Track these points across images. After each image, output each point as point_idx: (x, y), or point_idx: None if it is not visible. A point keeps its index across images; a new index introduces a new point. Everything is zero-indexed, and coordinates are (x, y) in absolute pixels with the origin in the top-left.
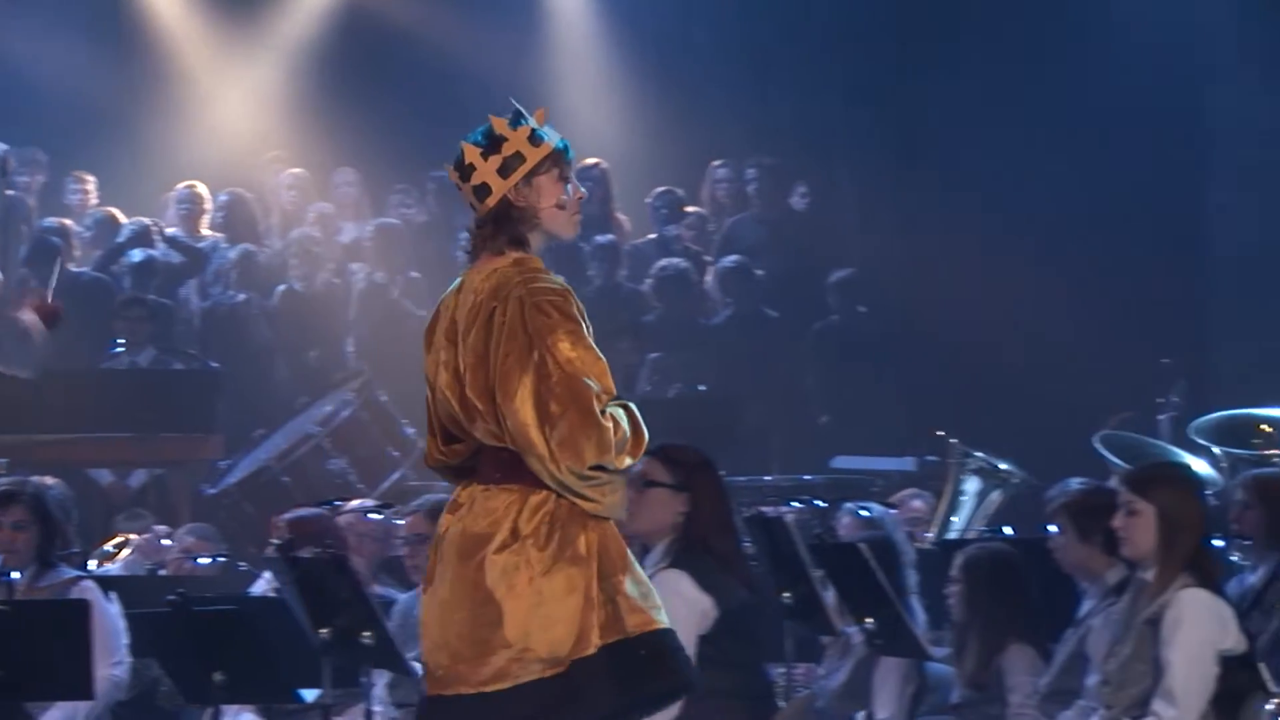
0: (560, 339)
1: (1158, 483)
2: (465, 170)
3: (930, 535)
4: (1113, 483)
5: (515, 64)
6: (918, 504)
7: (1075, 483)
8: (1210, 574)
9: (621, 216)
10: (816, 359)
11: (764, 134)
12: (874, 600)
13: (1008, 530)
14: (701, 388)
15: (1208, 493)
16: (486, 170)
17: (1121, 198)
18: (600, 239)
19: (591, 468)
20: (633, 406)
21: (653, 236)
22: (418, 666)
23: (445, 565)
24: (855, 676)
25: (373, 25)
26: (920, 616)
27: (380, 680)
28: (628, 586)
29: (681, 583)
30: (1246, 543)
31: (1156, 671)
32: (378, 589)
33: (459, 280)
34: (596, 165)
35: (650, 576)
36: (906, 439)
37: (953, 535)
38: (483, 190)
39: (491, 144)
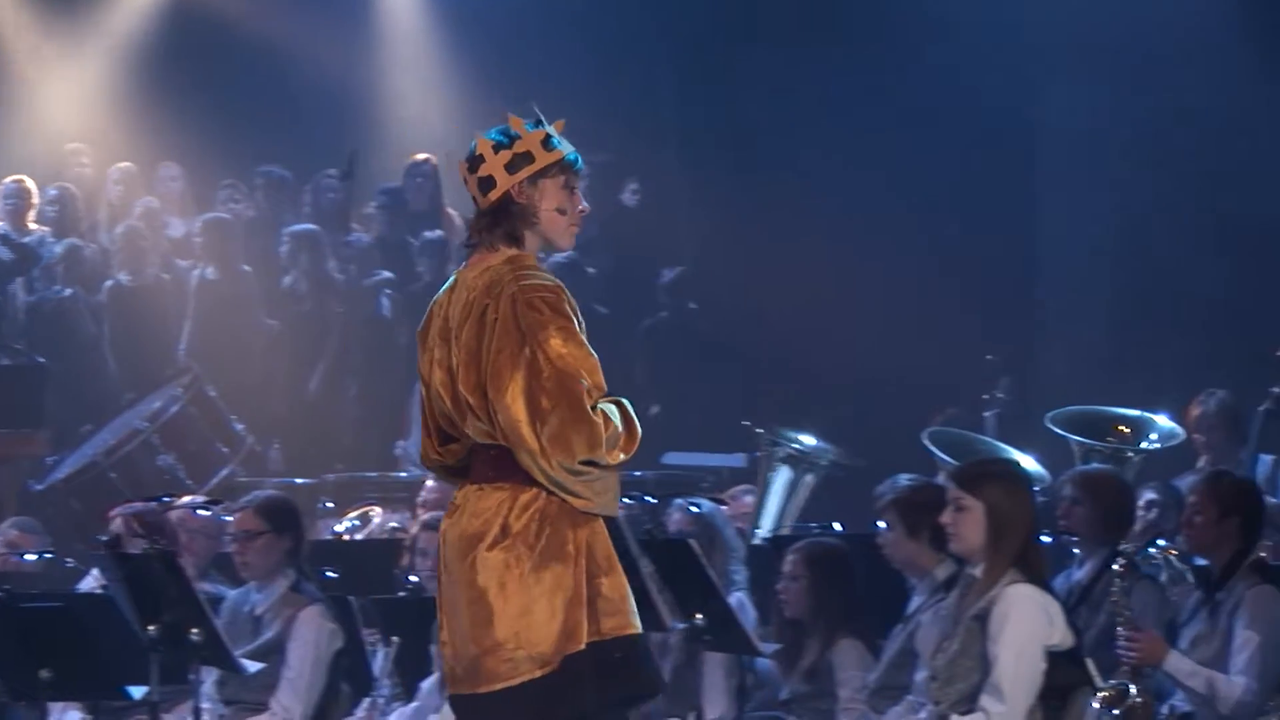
0: (551, 335)
1: (986, 479)
2: (474, 161)
3: (761, 530)
4: (941, 479)
5: (346, 59)
6: (748, 499)
7: (904, 479)
8: (1038, 570)
9: (452, 212)
10: (646, 356)
11: (596, 130)
12: (703, 596)
13: (837, 526)
14: None
15: (1036, 489)
16: (494, 163)
17: (951, 194)
18: (429, 235)
19: (583, 463)
20: (625, 402)
21: None
22: (247, 664)
23: (449, 569)
24: (677, 676)
25: (201, 19)
26: (751, 613)
27: (209, 677)
28: (606, 589)
29: None
30: (1074, 539)
31: (984, 667)
32: (207, 586)
33: (452, 279)
34: (427, 161)
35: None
36: (737, 435)
37: (772, 527)
38: (488, 183)
39: (504, 140)
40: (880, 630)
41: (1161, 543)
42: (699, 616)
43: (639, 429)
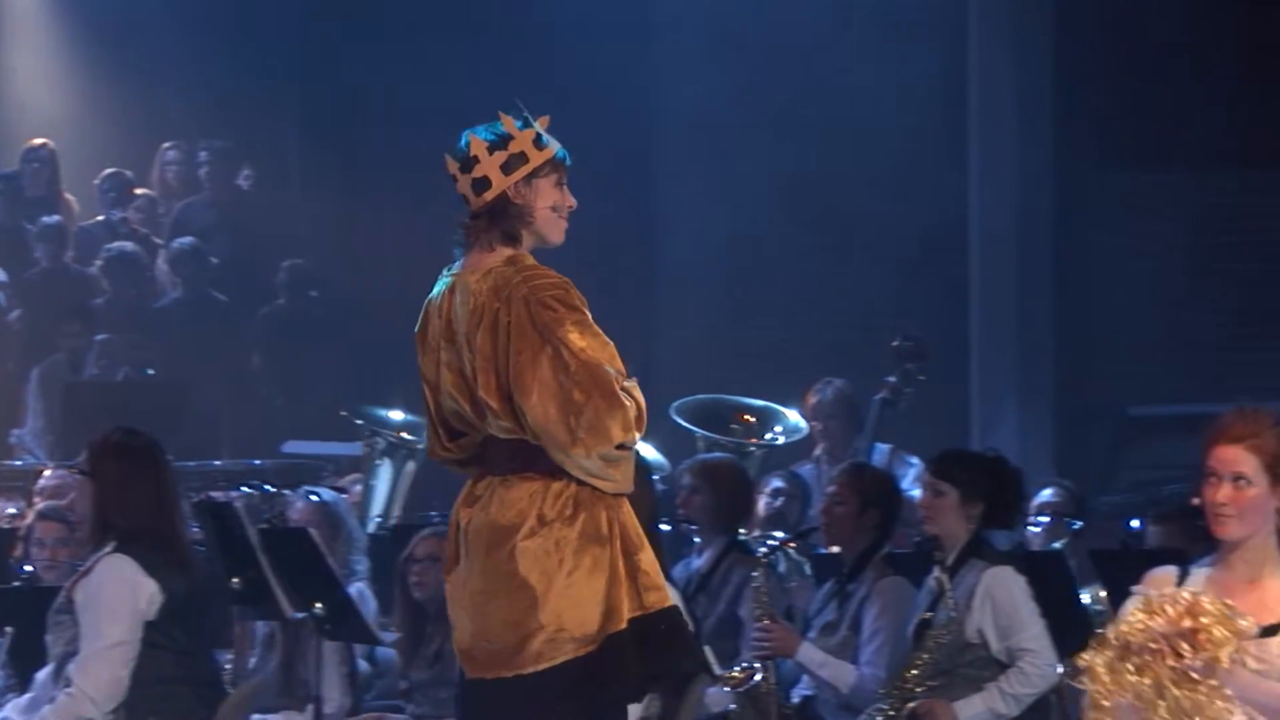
0: (569, 330)
1: None
2: (468, 162)
3: (371, 520)
4: None
5: None
6: (357, 489)
7: None
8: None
9: (70, 197)
10: (265, 344)
11: (214, 116)
12: (323, 585)
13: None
14: (150, 371)
15: (655, 477)
16: (490, 164)
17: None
18: (47, 220)
19: (617, 447)
20: (633, 382)
21: (101, 218)
22: None
23: (472, 557)
24: (291, 666)
25: None
26: (371, 602)
27: None
28: (645, 564)
29: (125, 567)
30: (693, 527)
31: None
32: None
33: (447, 280)
34: (44, 145)
35: (95, 563)
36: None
37: (380, 516)
38: (483, 184)
39: (498, 140)
40: None
41: (780, 535)
42: (319, 606)
43: (645, 405)
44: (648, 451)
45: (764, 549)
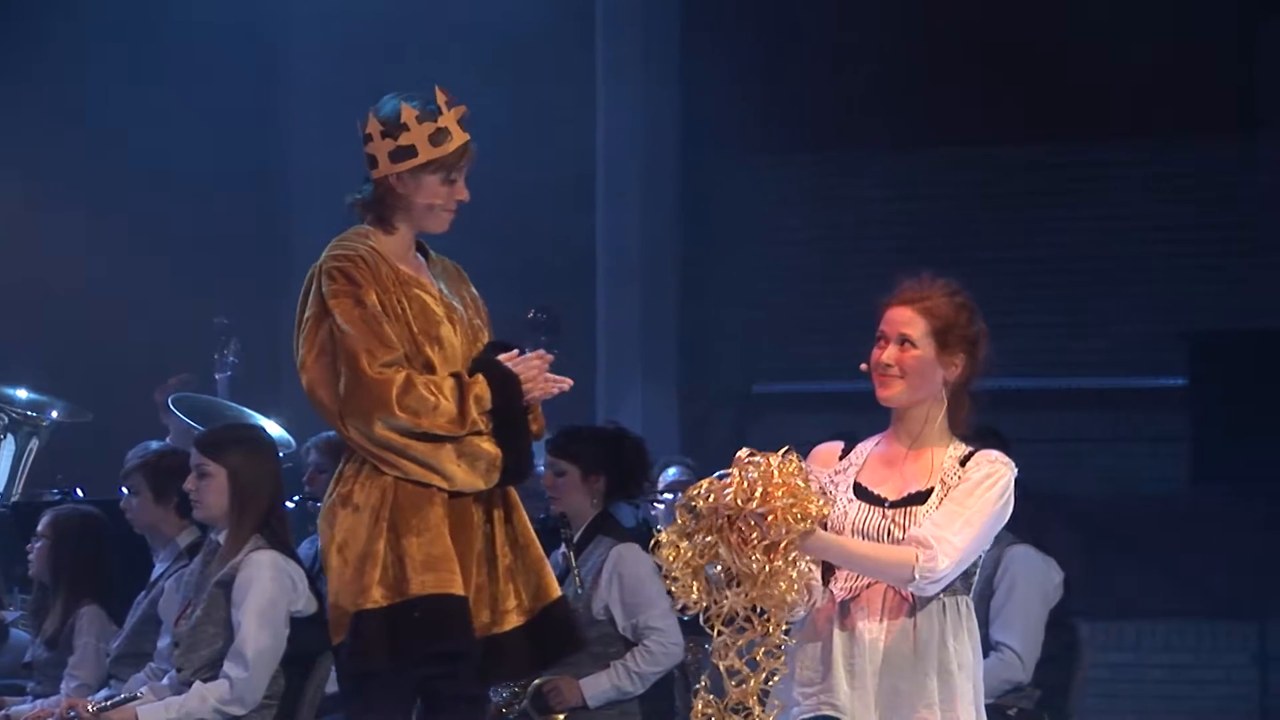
0: (341, 302)
1: (229, 445)
2: (364, 135)
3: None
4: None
5: None
6: None
7: (154, 445)
8: (281, 536)
9: None
10: None
11: None
12: None
13: (80, 491)
14: None
15: (281, 455)
16: (379, 147)
17: (193, 159)
18: None
19: (395, 429)
20: (458, 378)
21: None
22: None
23: None
24: None
25: None
26: None
27: None
28: (414, 548)
29: None
30: (319, 504)
31: (228, 633)
32: None
33: None
34: None
35: None
36: None
37: (2, 494)
38: (370, 161)
39: (394, 126)
40: (124, 597)
41: None
42: None
43: (468, 404)
44: (273, 429)
45: None
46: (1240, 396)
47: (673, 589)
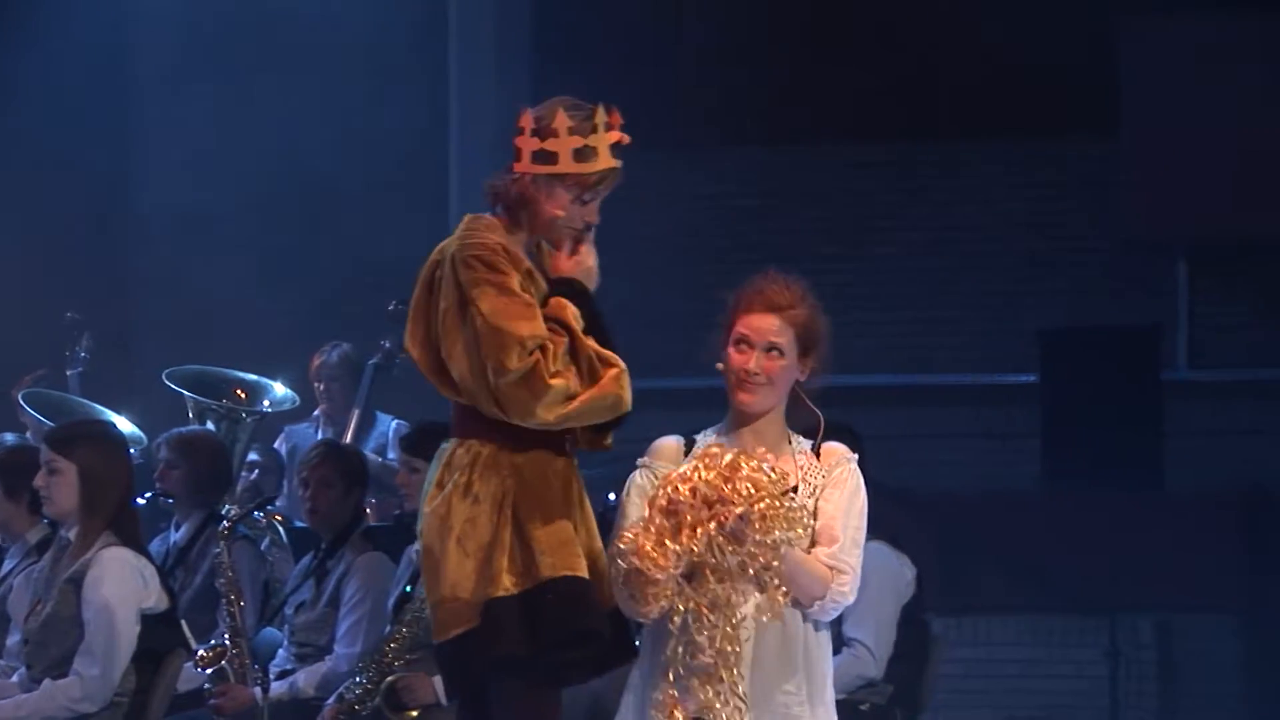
0: (484, 291)
1: (79, 441)
2: (517, 127)
3: None
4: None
5: None
6: None
7: (7, 439)
8: (132, 532)
9: None
10: None
11: None
12: None
13: None
14: None
15: (132, 451)
16: (526, 143)
17: (45, 153)
18: None
19: (559, 414)
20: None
21: None
22: None
23: None
24: None
25: None
26: None
27: None
28: (540, 534)
29: None
30: (171, 500)
31: (79, 631)
32: None
33: None
34: None
35: None
36: None
37: None
38: (515, 152)
39: (545, 129)
40: None
41: (270, 507)
42: None
43: (602, 372)
44: (124, 425)
45: (224, 525)
46: (1091, 394)
47: (643, 565)
